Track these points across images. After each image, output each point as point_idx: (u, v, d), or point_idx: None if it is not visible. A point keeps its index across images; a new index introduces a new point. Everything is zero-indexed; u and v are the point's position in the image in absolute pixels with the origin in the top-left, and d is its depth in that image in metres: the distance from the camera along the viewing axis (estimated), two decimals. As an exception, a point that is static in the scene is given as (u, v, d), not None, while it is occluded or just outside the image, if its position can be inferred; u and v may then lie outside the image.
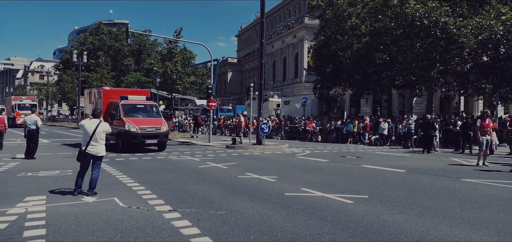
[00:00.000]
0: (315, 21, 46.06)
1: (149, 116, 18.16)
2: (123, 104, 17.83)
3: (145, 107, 18.69)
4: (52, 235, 5.48)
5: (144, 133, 17.03)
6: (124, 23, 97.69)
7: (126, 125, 16.84)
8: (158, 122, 17.93)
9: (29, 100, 50.72)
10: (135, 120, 17.29)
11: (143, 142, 17.08)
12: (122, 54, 69.79)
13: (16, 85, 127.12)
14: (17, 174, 10.77)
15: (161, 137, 17.44)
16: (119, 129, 16.96)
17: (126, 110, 17.62)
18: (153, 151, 17.34)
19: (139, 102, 18.82)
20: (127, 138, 16.83)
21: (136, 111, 18.02)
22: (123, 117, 17.18)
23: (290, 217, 6.43)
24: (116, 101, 18.04)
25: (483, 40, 21.72)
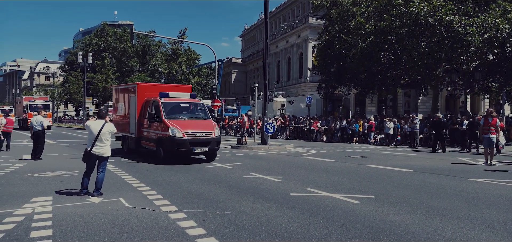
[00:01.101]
0: (319, 20, 45.95)
1: (195, 118, 14.56)
2: (164, 102, 14.13)
3: (190, 107, 15.07)
4: (58, 235, 5.50)
5: (193, 139, 13.26)
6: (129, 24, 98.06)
7: (170, 130, 13.14)
8: (208, 126, 14.03)
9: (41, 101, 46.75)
10: (181, 122, 13.60)
11: (191, 150, 13.26)
12: (127, 55, 70.00)
13: (22, 86, 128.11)
14: (24, 175, 10.84)
15: (212, 144, 13.63)
16: (161, 134, 13.64)
17: (168, 111, 14.00)
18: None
19: (182, 100, 15.13)
20: (171, 145, 13.16)
21: (180, 112, 14.49)
22: (165, 119, 13.52)
23: (295, 217, 6.41)
24: (155, 99, 14.43)
25: (489, 39, 21.55)
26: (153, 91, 15.65)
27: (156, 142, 13.91)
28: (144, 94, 15.52)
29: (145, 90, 15.92)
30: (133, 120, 15.71)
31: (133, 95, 15.89)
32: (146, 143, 14.92)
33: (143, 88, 16.08)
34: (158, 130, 13.87)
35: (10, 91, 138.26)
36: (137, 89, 15.71)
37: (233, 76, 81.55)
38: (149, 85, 19.26)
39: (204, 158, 14.36)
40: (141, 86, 16.21)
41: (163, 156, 13.46)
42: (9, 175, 10.78)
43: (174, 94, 15.09)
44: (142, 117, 14.96)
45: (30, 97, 53.01)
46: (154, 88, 16.26)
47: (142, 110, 15.20)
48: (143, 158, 15.32)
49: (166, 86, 18.33)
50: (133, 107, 15.64)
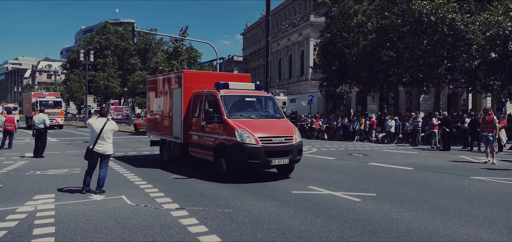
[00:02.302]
0: (321, 18, 45.89)
1: (266, 117, 10.72)
2: (224, 96, 10.35)
3: (257, 102, 11.19)
4: (61, 233, 5.53)
5: (269, 147, 9.38)
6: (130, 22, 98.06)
7: (237, 133, 9.34)
8: (286, 128, 10.15)
9: (52, 97, 41.17)
10: (249, 123, 9.82)
11: (267, 163, 9.41)
12: (129, 53, 70.13)
13: (24, 84, 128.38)
14: (26, 172, 10.88)
15: (293, 153, 9.73)
16: (222, 140, 9.79)
17: (230, 107, 10.26)
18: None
19: (247, 92, 11.22)
20: (240, 156, 9.31)
21: (245, 108, 10.74)
22: (228, 119, 9.79)
23: (297, 215, 6.42)
24: (211, 91, 10.71)
25: (491, 36, 21.50)
26: (204, 81, 11.84)
27: (215, 150, 10.01)
28: (192, 85, 11.59)
29: (194, 80, 11.90)
30: (176, 120, 11.89)
31: (176, 88, 12.03)
32: (196, 151, 11.05)
33: (190, 77, 11.99)
34: (216, 133, 9.98)
35: (12, 89, 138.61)
36: (182, 78, 11.64)
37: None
38: (198, 73, 14.44)
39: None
40: (189, 75, 12.08)
41: (226, 170, 9.64)
42: (11, 173, 10.82)
43: (235, 84, 11.09)
44: (190, 116, 11.30)
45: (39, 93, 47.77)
46: (205, 78, 12.27)
47: (189, 106, 11.44)
48: (145, 156, 15.30)
49: (220, 74, 14.53)
50: (177, 103, 11.85)
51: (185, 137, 11.43)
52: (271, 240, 5.28)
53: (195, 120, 11.15)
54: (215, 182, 9.41)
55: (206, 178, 9.78)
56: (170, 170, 11.22)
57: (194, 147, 11.19)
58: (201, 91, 11.12)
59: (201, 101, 10.90)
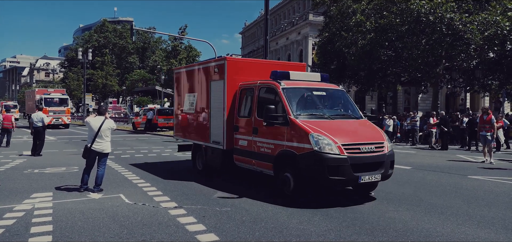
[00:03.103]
0: (320, 17, 45.90)
1: (343, 117, 8.32)
2: (287, 89, 7.99)
3: (327, 97, 8.71)
4: (59, 231, 5.52)
5: (357, 158, 7.08)
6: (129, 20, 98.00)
7: (313, 139, 7.01)
8: (374, 132, 7.84)
9: (58, 94, 37.57)
10: (325, 125, 7.44)
11: (355, 179, 7.04)
12: (127, 52, 70.03)
13: (22, 82, 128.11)
14: (24, 170, 10.86)
15: (386, 166, 7.41)
16: (288, 147, 7.46)
17: (297, 104, 7.92)
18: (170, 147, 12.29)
19: (314, 84, 8.73)
20: (317, 170, 6.96)
21: (314, 106, 8.36)
22: (296, 119, 7.45)
23: (295, 214, 6.43)
24: (267, 84, 8.36)
25: (489, 36, 21.55)
26: (252, 70, 9.35)
27: (276, 161, 7.68)
28: (237, 76, 9.08)
29: (239, 69, 9.30)
30: (216, 121, 9.35)
31: (216, 80, 9.47)
32: (245, 160, 8.67)
33: (236, 66, 9.36)
34: (278, 138, 7.67)
35: (10, 87, 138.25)
36: (226, 68, 9.03)
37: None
38: (245, 61, 11.61)
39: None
40: (233, 64, 9.37)
41: (294, 188, 7.30)
42: (9, 171, 10.79)
43: (297, 74, 8.72)
44: (236, 116, 8.91)
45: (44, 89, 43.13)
46: (253, 67, 9.71)
47: (234, 103, 8.99)
48: (143, 154, 15.24)
49: (272, 62, 11.07)
50: (217, 98, 9.34)
51: (229, 142, 8.92)
52: (269, 238, 5.29)
53: (243, 120, 8.72)
54: (213, 180, 9.39)
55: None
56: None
57: (241, 155, 8.72)
58: (252, 83, 8.69)
59: (252, 96, 8.50)
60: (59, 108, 34.66)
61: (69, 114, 37.11)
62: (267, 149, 7.95)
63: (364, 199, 7.51)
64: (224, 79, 9.09)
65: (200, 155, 10.75)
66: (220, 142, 9.17)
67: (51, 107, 33.89)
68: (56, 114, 33.92)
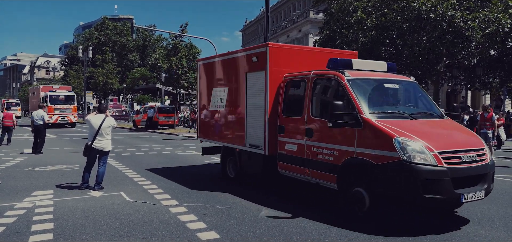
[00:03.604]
0: (320, 15, 45.84)
1: (425, 116, 6.78)
2: (354, 81, 6.54)
3: (401, 91, 7.36)
4: (60, 229, 5.53)
5: (458, 169, 5.53)
6: (129, 18, 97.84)
7: (399, 144, 5.50)
8: (470, 136, 6.47)
9: (64, 91, 35.46)
10: (409, 127, 5.97)
11: (457, 198, 5.49)
12: (127, 50, 69.97)
13: (23, 80, 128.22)
14: (25, 168, 10.87)
15: (489, 177, 5.92)
16: (360, 155, 5.98)
17: (368, 100, 6.46)
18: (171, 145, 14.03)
19: (382, 75, 7.26)
20: (406, 186, 5.42)
21: (387, 102, 7.10)
22: (371, 119, 5.95)
23: (296, 212, 6.42)
24: (325, 74, 6.97)
25: (490, 34, 21.50)
26: (300, 60, 7.98)
27: (341, 172, 6.24)
28: (281, 67, 7.75)
29: (285, 58, 7.92)
30: (255, 120, 8.02)
31: (254, 71, 8.06)
32: (294, 169, 7.26)
33: (280, 54, 7.92)
34: (344, 143, 6.23)
35: (10, 85, 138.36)
36: (268, 56, 7.64)
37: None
38: (290, 49, 8.96)
39: None
40: (277, 52, 7.89)
41: (370, 206, 5.85)
42: (10, 169, 10.81)
43: (360, 62, 7.26)
44: (281, 114, 7.55)
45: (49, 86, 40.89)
46: (300, 56, 8.24)
47: (277, 98, 7.65)
48: (144, 152, 15.26)
49: (320, 50, 10.09)
50: (256, 93, 7.98)
51: (272, 146, 7.58)
52: (270, 236, 5.29)
53: (290, 120, 7.33)
54: (213, 178, 9.35)
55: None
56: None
57: (288, 163, 7.33)
58: (302, 74, 7.27)
59: (304, 90, 7.07)
60: (65, 106, 32.84)
61: (76, 112, 34.66)
62: (328, 156, 6.42)
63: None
64: (265, 70, 7.61)
65: (232, 161, 9.19)
66: (259, 146, 7.78)
67: (57, 105, 32.32)
68: (62, 113, 32.39)
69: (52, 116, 30.91)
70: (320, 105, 6.83)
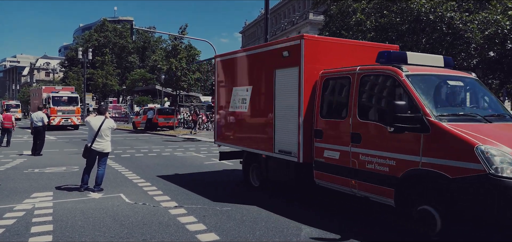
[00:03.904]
0: (320, 17, 45.94)
1: (499, 119, 5.79)
2: (413, 77, 5.54)
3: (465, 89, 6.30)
4: (59, 231, 5.52)
5: None
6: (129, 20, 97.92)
7: (483, 155, 4.56)
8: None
9: (67, 92, 34.16)
10: (493, 133, 5.06)
11: None
12: (127, 51, 70.04)
13: (22, 82, 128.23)
14: (24, 170, 10.86)
15: None
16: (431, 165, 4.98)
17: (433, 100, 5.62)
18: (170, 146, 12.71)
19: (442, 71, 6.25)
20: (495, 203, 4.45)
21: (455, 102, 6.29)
22: (441, 123, 5.00)
23: (296, 213, 6.42)
24: (376, 70, 5.98)
25: (489, 35, 21.52)
26: (339, 54, 7.09)
27: (403, 186, 5.35)
28: (317, 63, 6.84)
29: (321, 53, 6.99)
30: (285, 123, 7.18)
31: (286, 68, 7.15)
32: (336, 179, 6.35)
33: (317, 48, 6.97)
34: (406, 151, 5.31)
35: (10, 86, 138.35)
36: (303, 50, 6.72)
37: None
38: (329, 42, 7.83)
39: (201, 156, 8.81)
40: (313, 44, 6.96)
41: (443, 228, 4.96)
42: (9, 171, 10.80)
43: (415, 56, 6.34)
44: (318, 117, 6.65)
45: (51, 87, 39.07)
46: (340, 49, 7.31)
47: (313, 98, 6.75)
48: (144, 154, 15.24)
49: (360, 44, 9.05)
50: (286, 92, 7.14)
51: (307, 152, 6.69)
52: (270, 238, 5.29)
53: (330, 123, 6.46)
54: (213, 180, 9.31)
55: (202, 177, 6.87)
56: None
57: (328, 172, 6.43)
58: (346, 71, 6.36)
59: (348, 89, 6.18)
60: (68, 108, 31.50)
61: (79, 114, 32.99)
62: (382, 167, 5.50)
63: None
64: (299, 66, 6.70)
65: (256, 168, 8.36)
66: (291, 152, 6.89)
67: (60, 106, 31.04)
68: (65, 114, 31.14)
69: (55, 118, 30.29)
70: (371, 106, 5.95)
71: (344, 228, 5.65)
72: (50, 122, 28.80)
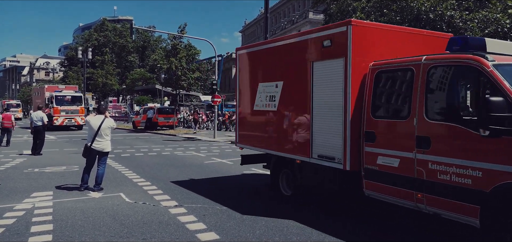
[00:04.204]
0: (320, 16, 45.92)
1: None
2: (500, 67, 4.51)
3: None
4: (59, 230, 5.52)
5: None
6: (128, 19, 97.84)
7: None
8: None
9: (70, 91, 32.96)
10: None
11: None
12: (127, 51, 70.02)
13: (22, 82, 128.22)
14: (24, 170, 10.85)
15: None
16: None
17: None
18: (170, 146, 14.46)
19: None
20: None
21: None
22: None
23: (296, 213, 6.41)
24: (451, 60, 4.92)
25: (489, 34, 21.50)
26: (390, 43, 6.14)
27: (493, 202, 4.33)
28: (367, 53, 5.93)
29: (372, 41, 6.05)
30: (326, 123, 6.26)
31: (327, 59, 6.26)
32: (394, 192, 5.38)
33: (367, 35, 6.03)
34: (499, 160, 4.27)
35: (10, 86, 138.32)
36: (351, 38, 5.80)
37: (233, 72, 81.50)
38: (380, 28, 6.53)
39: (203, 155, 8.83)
40: (363, 32, 6.00)
41: None
42: (9, 170, 10.79)
43: (493, 42, 5.47)
44: (370, 116, 5.73)
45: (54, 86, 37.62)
46: (391, 37, 6.31)
47: (361, 95, 5.86)
48: (144, 153, 15.25)
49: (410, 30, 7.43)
50: (327, 88, 6.25)
51: (354, 158, 5.78)
52: (270, 237, 5.28)
53: (386, 124, 5.57)
54: (213, 179, 9.27)
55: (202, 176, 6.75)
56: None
57: (383, 182, 5.47)
58: (409, 61, 5.36)
59: (410, 83, 5.24)
60: (71, 107, 30.15)
61: (83, 113, 30.94)
62: (462, 178, 4.57)
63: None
64: (346, 57, 5.78)
65: (287, 174, 7.51)
66: (335, 157, 5.95)
67: (63, 106, 29.80)
68: (68, 114, 29.87)
69: (58, 118, 29.30)
70: (445, 104, 4.95)
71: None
72: (53, 122, 28.36)
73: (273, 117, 7.46)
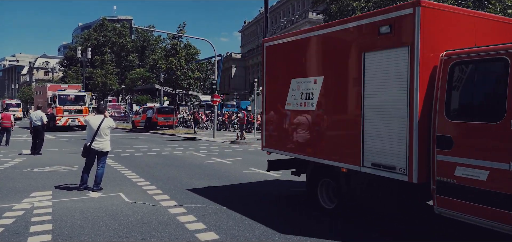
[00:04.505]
0: (319, 16, 45.94)
1: None
2: None
3: None
4: (58, 230, 5.51)
5: None
6: (128, 19, 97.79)
7: None
8: None
9: (74, 90, 31.98)
10: None
11: None
12: (126, 50, 69.99)
13: (22, 81, 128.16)
14: (23, 169, 10.84)
15: None
16: None
17: None
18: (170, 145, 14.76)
19: None
20: None
21: None
22: None
23: (296, 213, 6.41)
24: None
25: (489, 34, 21.58)
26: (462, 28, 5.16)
27: None
28: (438, 43, 4.88)
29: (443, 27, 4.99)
30: (384, 125, 5.22)
31: (381, 50, 5.24)
32: (478, 211, 4.33)
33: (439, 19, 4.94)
34: None
35: (9, 85, 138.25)
36: (419, 22, 4.74)
37: (232, 71, 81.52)
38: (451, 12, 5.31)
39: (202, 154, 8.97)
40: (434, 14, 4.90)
41: None
42: (8, 170, 10.78)
43: None
44: (443, 117, 4.63)
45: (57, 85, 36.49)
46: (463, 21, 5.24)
47: (429, 92, 4.81)
48: (143, 153, 15.23)
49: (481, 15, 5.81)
50: (385, 84, 5.20)
51: (422, 168, 4.80)
52: (270, 237, 5.28)
53: (470, 127, 4.51)
54: (213, 179, 9.26)
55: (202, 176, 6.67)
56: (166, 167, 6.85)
57: (464, 199, 4.47)
58: (498, 49, 4.36)
59: (505, 75, 4.19)
60: (75, 107, 29.14)
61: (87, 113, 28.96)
62: None
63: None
64: (412, 45, 4.80)
65: (329, 185, 6.47)
66: (396, 167, 4.98)
67: (66, 105, 28.89)
68: (72, 114, 28.88)
69: (61, 118, 28.52)
70: None
71: None
72: (56, 123, 28.01)
73: (310, 118, 6.46)
